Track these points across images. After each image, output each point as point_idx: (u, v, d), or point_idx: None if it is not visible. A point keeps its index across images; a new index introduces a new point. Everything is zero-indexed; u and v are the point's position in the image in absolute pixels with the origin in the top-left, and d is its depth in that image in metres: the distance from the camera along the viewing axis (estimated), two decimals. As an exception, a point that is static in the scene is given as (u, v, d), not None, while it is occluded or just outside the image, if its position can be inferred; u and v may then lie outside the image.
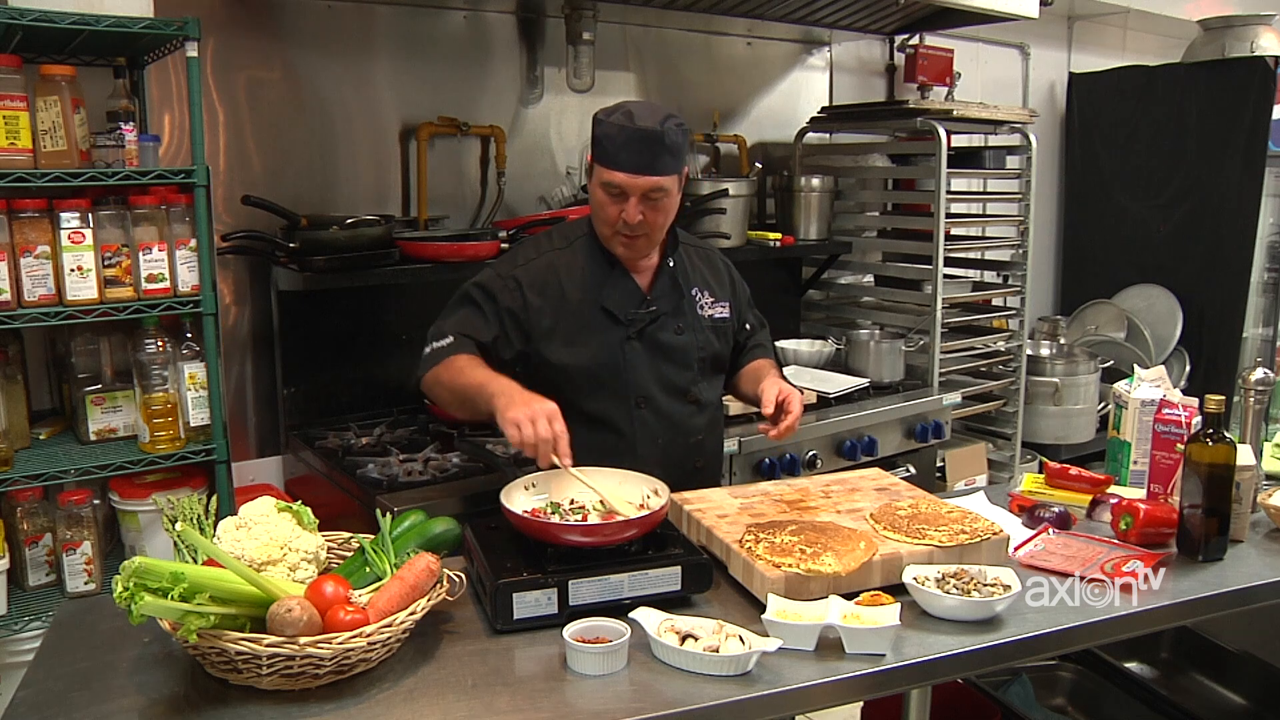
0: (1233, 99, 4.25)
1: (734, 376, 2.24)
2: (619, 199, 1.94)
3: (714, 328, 2.14)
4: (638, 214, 1.93)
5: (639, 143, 1.89)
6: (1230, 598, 1.72)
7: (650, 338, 2.06)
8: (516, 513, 1.61)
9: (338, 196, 2.97)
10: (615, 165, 1.91)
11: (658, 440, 2.06)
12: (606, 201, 1.95)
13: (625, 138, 1.89)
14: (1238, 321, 4.35)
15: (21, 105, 2.12)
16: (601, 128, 1.93)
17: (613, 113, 1.93)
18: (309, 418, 2.92)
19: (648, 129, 1.88)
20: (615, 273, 2.05)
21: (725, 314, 2.16)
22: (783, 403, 1.98)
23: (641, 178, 1.91)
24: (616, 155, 1.90)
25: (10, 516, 2.28)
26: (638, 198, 1.92)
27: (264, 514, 1.53)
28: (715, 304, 2.15)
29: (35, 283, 2.17)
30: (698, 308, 2.12)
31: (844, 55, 4.07)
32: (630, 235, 1.97)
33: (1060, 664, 2.52)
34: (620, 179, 1.91)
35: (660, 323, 2.06)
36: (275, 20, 2.83)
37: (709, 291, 2.15)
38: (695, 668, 1.40)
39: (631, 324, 2.04)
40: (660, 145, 1.90)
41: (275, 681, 1.34)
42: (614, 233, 1.99)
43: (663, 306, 2.07)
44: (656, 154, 1.90)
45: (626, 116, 1.90)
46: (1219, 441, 1.77)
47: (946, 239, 3.49)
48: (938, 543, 1.68)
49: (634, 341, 2.04)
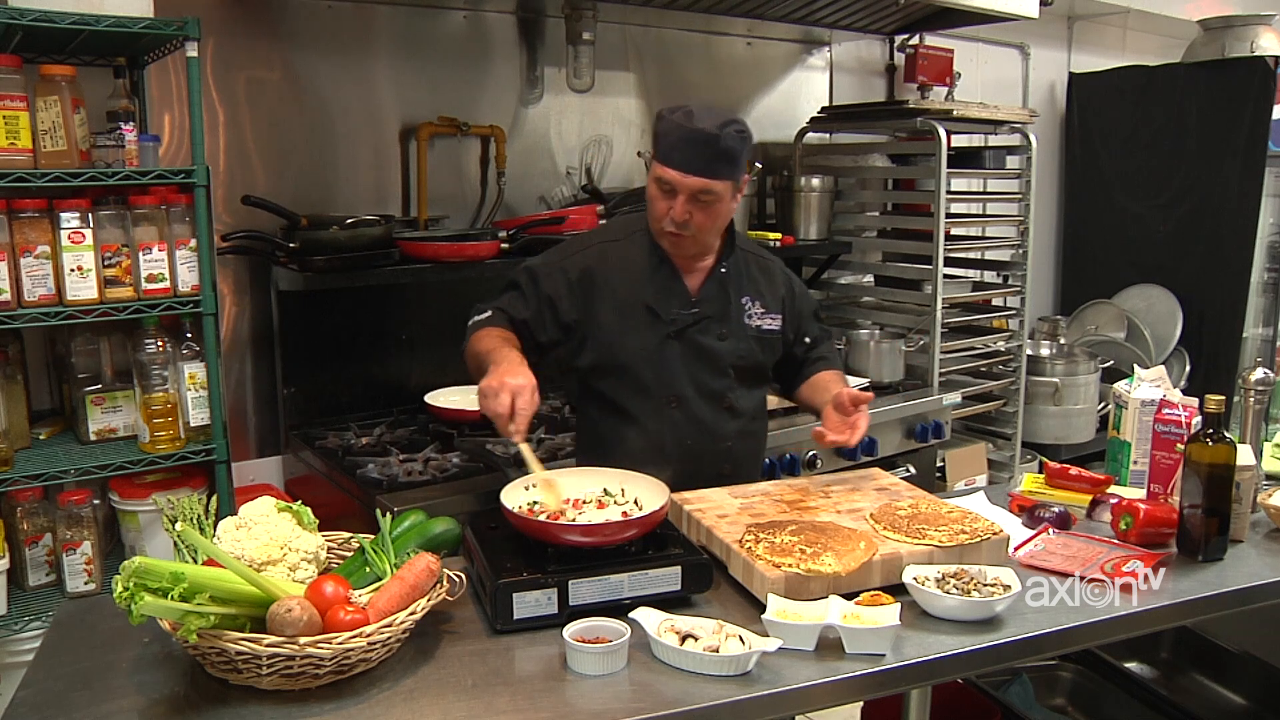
0: (1233, 99, 4.25)
1: (798, 388, 2.24)
2: (669, 195, 1.96)
3: (759, 338, 2.13)
4: (685, 213, 1.95)
5: (693, 143, 1.90)
6: (1230, 598, 1.72)
7: (690, 339, 2.07)
8: (516, 513, 1.62)
9: (338, 196, 2.97)
10: (668, 162, 1.93)
11: (686, 441, 2.07)
12: (657, 196, 1.98)
13: (680, 136, 1.91)
14: (1238, 321, 4.35)
15: (21, 105, 2.12)
16: (662, 124, 1.96)
17: (675, 110, 1.95)
18: (309, 418, 2.92)
19: (704, 131, 1.90)
20: (664, 271, 2.07)
21: (775, 327, 2.15)
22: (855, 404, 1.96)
23: (691, 178, 1.92)
24: (670, 153, 1.93)
25: (10, 516, 2.28)
26: (686, 196, 1.94)
27: (264, 514, 1.53)
28: (765, 315, 2.14)
29: (35, 283, 2.17)
30: (745, 316, 2.12)
31: (844, 55, 4.07)
32: (676, 233, 1.99)
33: (1060, 664, 2.52)
34: (671, 176, 1.93)
35: (702, 326, 2.07)
36: (275, 20, 2.83)
37: (760, 302, 2.14)
38: (695, 668, 1.40)
39: (673, 323, 2.05)
40: (715, 149, 1.91)
41: (275, 681, 1.34)
42: (659, 228, 2.01)
43: (707, 310, 2.08)
44: (710, 157, 1.91)
45: (686, 116, 1.92)
46: (1219, 441, 1.77)
47: (946, 239, 3.49)
48: (938, 543, 1.68)
49: (673, 341, 2.06)
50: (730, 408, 2.12)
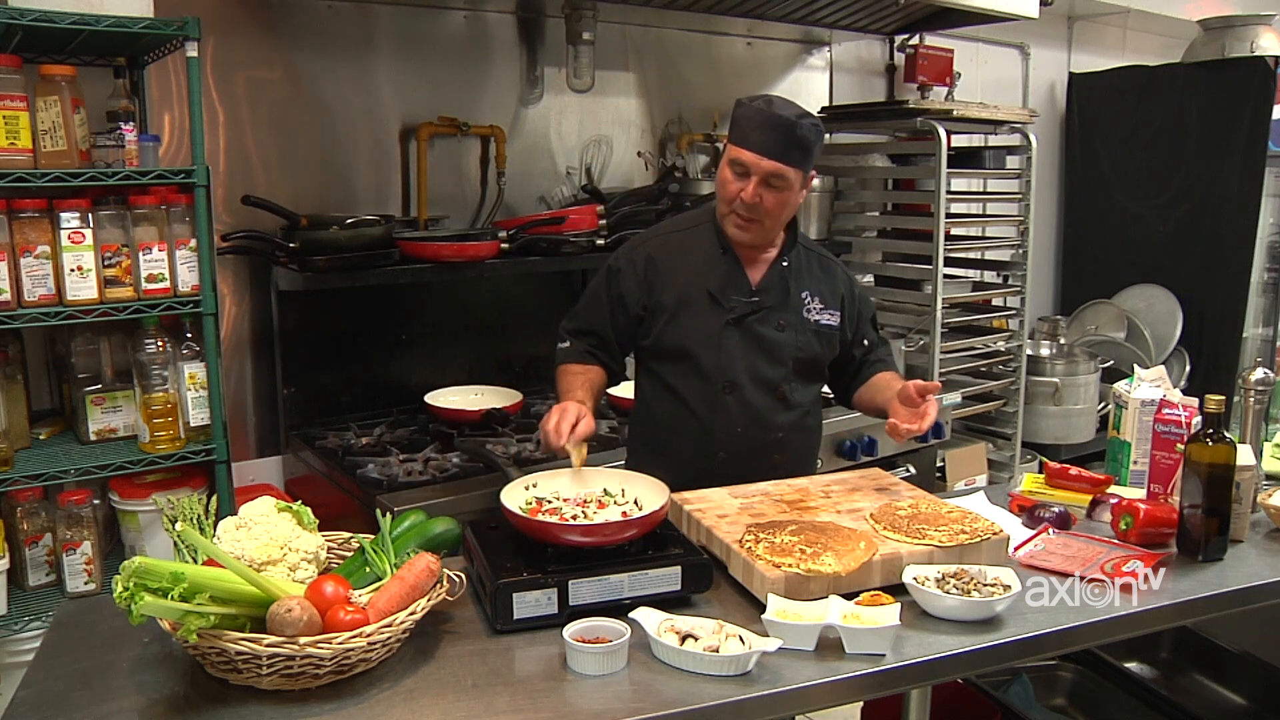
0: (1233, 99, 4.25)
1: (857, 390, 2.26)
2: (741, 177, 2.01)
3: (818, 332, 2.17)
4: (755, 195, 2.00)
5: (772, 128, 1.98)
6: (1230, 598, 1.72)
7: (749, 328, 2.11)
8: (516, 512, 1.62)
9: (338, 196, 2.97)
10: (744, 144, 1.99)
11: (737, 429, 2.11)
12: (730, 179, 2.03)
13: (761, 120, 1.98)
14: (1238, 321, 4.35)
15: (21, 105, 2.12)
16: (741, 109, 2.02)
17: (755, 99, 2.02)
18: (309, 418, 2.92)
19: (783, 116, 1.98)
20: (727, 259, 2.12)
21: (834, 323, 2.18)
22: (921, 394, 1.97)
23: (766, 160, 1.98)
24: (748, 135, 1.99)
25: (10, 516, 2.28)
26: (759, 179, 1.99)
27: (264, 514, 1.53)
28: (825, 311, 2.17)
29: (35, 283, 2.17)
30: (804, 310, 2.15)
31: (844, 55, 4.07)
32: (745, 217, 2.04)
33: (1060, 664, 2.52)
34: (746, 157, 1.99)
35: (762, 315, 2.11)
36: (275, 20, 2.83)
37: (820, 298, 2.18)
38: (695, 668, 1.40)
39: (732, 310, 2.10)
40: (791, 135, 1.98)
41: (275, 681, 1.34)
42: (730, 210, 2.06)
43: (767, 300, 2.12)
44: (786, 143, 1.98)
45: (767, 103, 2.00)
46: (1219, 441, 1.77)
47: (946, 239, 3.49)
48: (938, 543, 1.68)
49: (732, 328, 2.10)
50: (784, 398, 2.15)
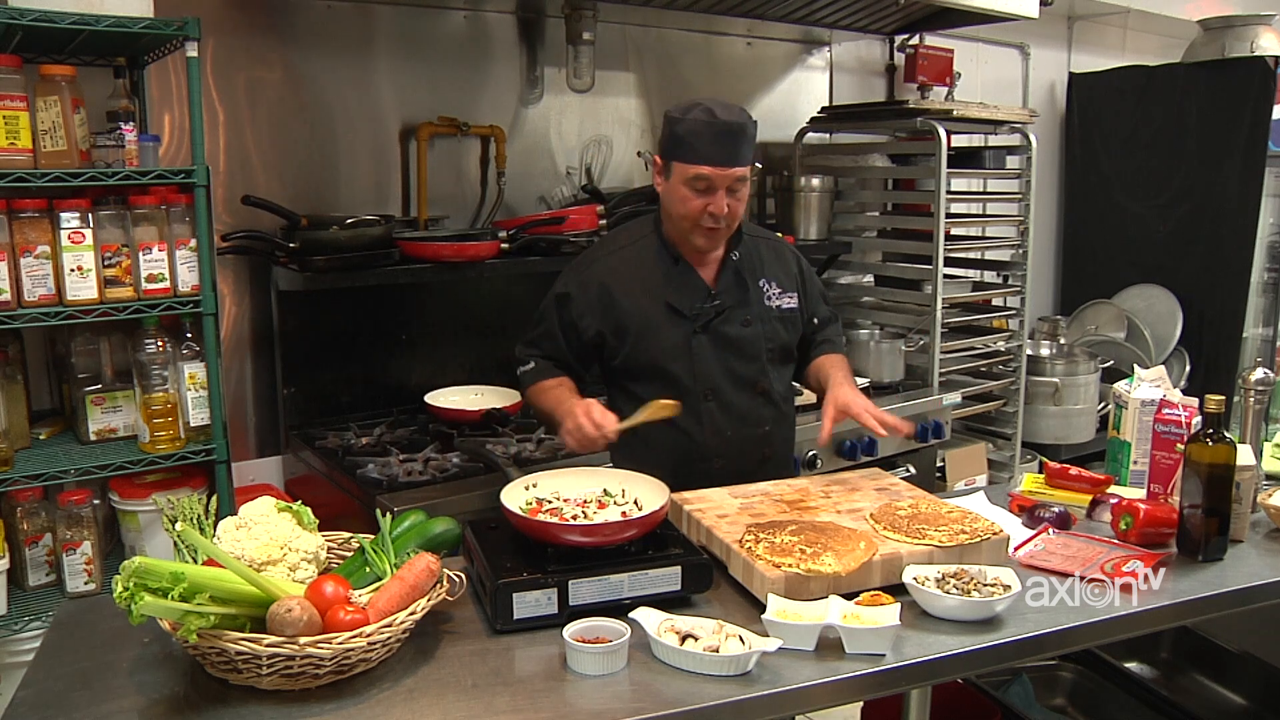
0: (1233, 99, 4.25)
1: (803, 370, 2.28)
2: (705, 193, 2.01)
3: (782, 318, 2.18)
4: (725, 205, 2.01)
5: (724, 136, 1.98)
6: (1230, 598, 1.72)
7: (716, 331, 2.11)
8: (516, 512, 1.62)
9: (338, 196, 2.97)
10: (703, 159, 1.98)
11: (725, 433, 2.11)
12: (690, 196, 2.02)
13: (712, 133, 1.98)
14: (1238, 321, 4.35)
15: (21, 105, 2.12)
16: (683, 125, 2.00)
17: (689, 110, 2.00)
18: (309, 418, 2.92)
19: (732, 122, 1.99)
20: (679, 268, 2.12)
21: (794, 304, 2.20)
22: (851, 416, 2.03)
23: (728, 169, 1.99)
24: (704, 149, 1.98)
25: (10, 516, 2.28)
26: (724, 189, 2.00)
27: (264, 514, 1.53)
28: (783, 294, 2.19)
29: (35, 283, 2.17)
30: (765, 298, 2.16)
31: (844, 55, 4.07)
32: (714, 226, 2.04)
33: (1060, 664, 2.52)
34: (709, 171, 1.99)
35: (726, 315, 2.12)
36: (275, 20, 2.82)
37: (776, 282, 2.19)
38: (695, 668, 1.40)
39: (697, 318, 2.10)
40: (742, 137, 2.01)
41: (275, 681, 1.34)
42: (695, 226, 2.05)
43: (728, 300, 2.12)
44: (738, 146, 2.00)
45: (708, 113, 1.98)
46: (1219, 441, 1.77)
47: (946, 239, 3.49)
48: (938, 543, 1.68)
49: (700, 335, 2.10)
50: (765, 392, 2.16)
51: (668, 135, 2.04)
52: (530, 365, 2.19)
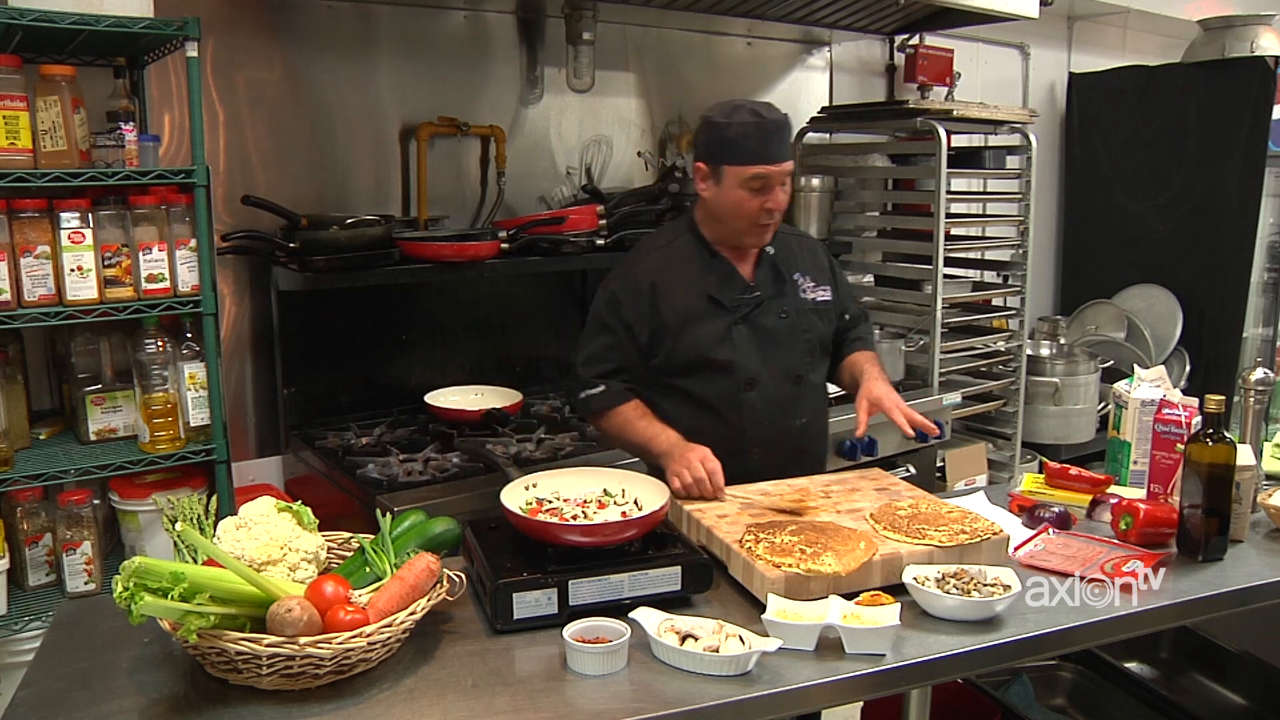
0: (1233, 99, 4.24)
1: (835, 367, 2.32)
2: (761, 191, 2.05)
3: (817, 310, 2.22)
4: (783, 198, 2.07)
5: (774, 134, 2.04)
6: (1230, 598, 1.72)
7: (755, 322, 2.15)
8: (516, 513, 1.62)
9: (338, 196, 2.97)
10: (760, 159, 2.02)
11: (764, 423, 2.14)
12: (747, 197, 2.05)
13: (762, 132, 2.02)
14: (1238, 321, 4.35)
15: (21, 105, 2.12)
16: (732, 129, 2.03)
17: (732, 113, 2.04)
18: (309, 418, 2.92)
19: (778, 119, 2.04)
20: (717, 262, 2.16)
21: (827, 297, 2.25)
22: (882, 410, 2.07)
23: (782, 165, 2.05)
24: (757, 149, 2.02)
25: (10, 516, 2.28)
26: (780, 184, 2.06)
27: (264, 514, 1.53)
28: (817, 288, 2.23)
29: (35, 283, 2.17)
30: (800, 291, 2.20)
31: (844, 55, 4.07)
32: (769, 222, 2.10)
33: (1060, 664, 2.52)
34: (768, 170, 2.03)
35: (764, 308, 2.15)
36: (275, 20, 2.82)
37: (810, 276, 2.23)
38: (695, 668, 1.40)
39: (737, 309, 2.13)
40: (787, 132, 2.07)
41: (275, 681, 1.34)
42: (753, 225, 2.09)
43: (766, 292, 2.16)
44: (785, 141, 2.07)
45: (753, 113, 2.03)
46: (1219, 441, 1.77)
47: (946, 239, 3.49)
48: (938, 543, 1.68)
49: (740, 326, 2.13)
50: (803, 384, 2.19)
51: (715, 141, 2.06)
52: (599, 389, 2.14)
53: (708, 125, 2.07)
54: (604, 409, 2.14)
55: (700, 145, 2.10)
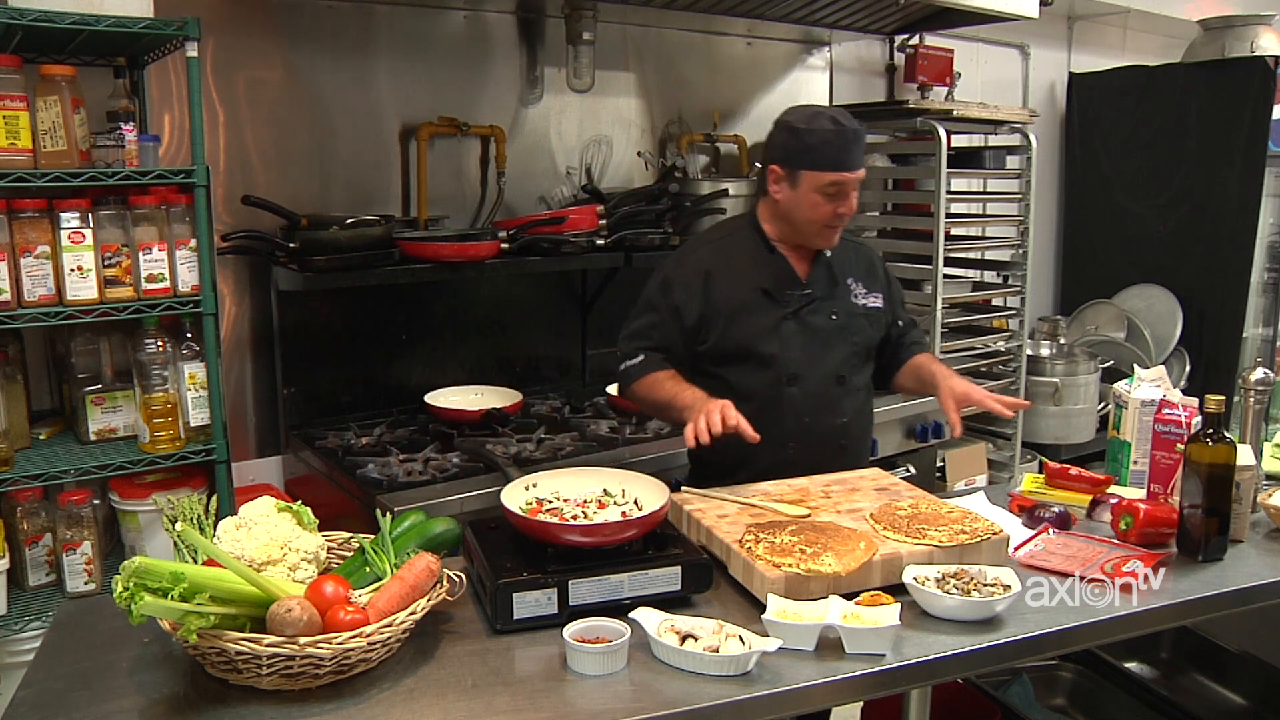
0: (1233, 99, 4.25)
1: (896, 372, 2.35)
2: (835, 197, 2.10)
3: (867, 315, 2.26)
4: (854, 203, 2.13)
5: (853, 142, 2.09)
6: (1230, 598, 1.72)
7: (805, 320, 2.18)
8: (516, 513, 1.62)
9: (338, 196, 2.97)
10: (838, 166, 2.08)
11: (804, 418, 2.16)
12: (821, 202, 2.10)
13: (842, 140, 2.08)
14: (1238, 321, 4.35)
15: (21, 105, 2.12)
16: (813, 135, 2.07)
17: (812, 119, 2.09)
18: (309, 418, 2.92)
19: (855, 128, 2.10)
20: (774, 258, 2.20)
21: (879, 304, 2.28)
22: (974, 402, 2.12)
23: (857, 173, 2.10)
24: (836, 157, 2.08)
25: (10, 516, 2.28)
26: (852, 191, 2.11)
27: (264, 514, 1.53)
28: (869, 294, 2.28)
29: (35, 283, 2.17)
30: (852, 295, 2.24)
31: (844, 55, 4.07)
32: (838, 225, 2.16)
33: (1060, 664, 2.52)
34: (844, 177, 2.08)
35: (815, 306, 2.19)
36: (275, 20, 2.82)
37: (862, 283, 2.27)
38: (695, 668, 1.40)
39: (787, 304, 2.16)
40: (862, 141, 2.13)
41: (275, 681, 1.34)
42: (823, 227, 2.14)
43: (818, 291, 2.20)
44: (860, 149, 2.13)
45: (833, 121, 2.07)
46: (1219, 441, 1.77)
47: (946, 239, 3.49)
48: (938, 543, 1.68)
49: (789, 321, 2.17)
50: (845, 384, 2.21)
51: (795, 145, 2.10)
52: (639, 359, 2.20)
53: (787, 130, 2.12)
54: (640, 377, 2.19)
55: (777, 148, 2.15)
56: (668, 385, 2.13)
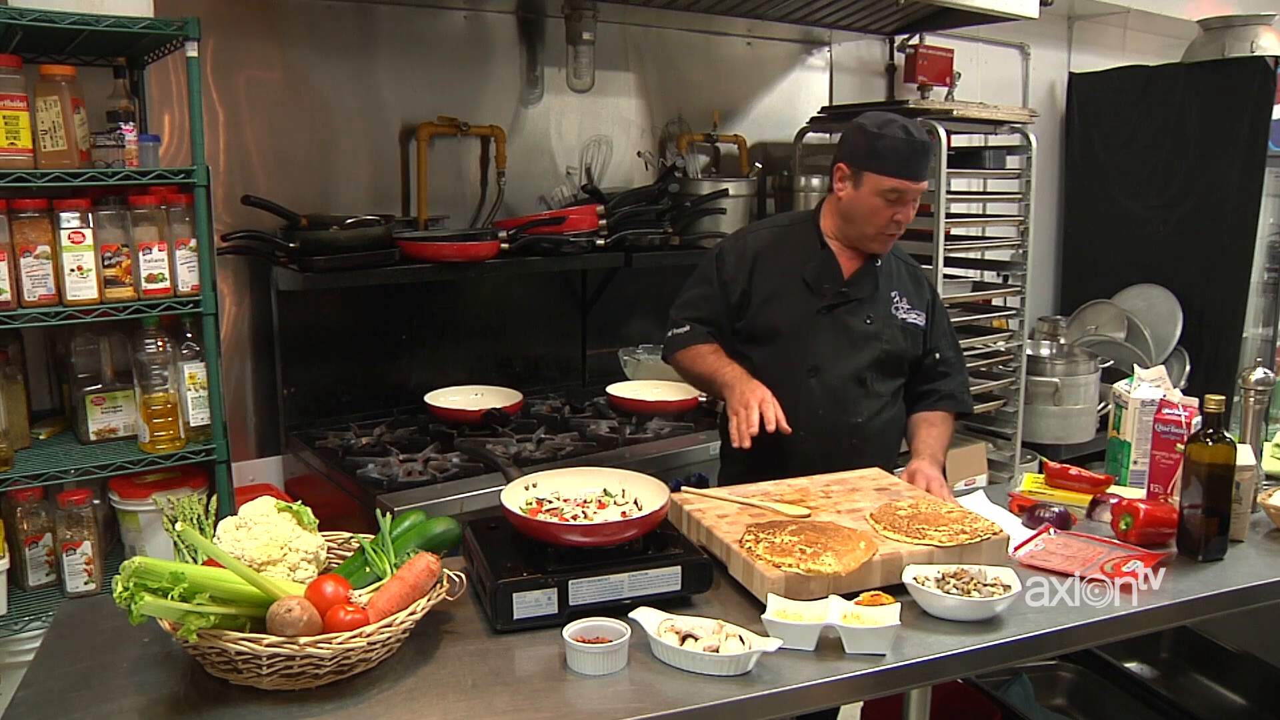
0: (1233, 99, 4.24)
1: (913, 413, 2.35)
2: (895, 204, 2.14)
3: (904, 328, 2.28)
4: (912, 213, 2.17)
5: (920, 154, 2.13)
6: (1230, 598, 1.72)
7: (838, 317, 2.23)
8: (516, 513, 1.62)
9: (338, 196, 2.97)
10: (901, 174, 2.12)
11: (818, 411, 2.20)
12: (881, 206, 2.15)
13: (910, 150, 2.12)
14: (1238, 321, 4.35)
15: (21, 105, 2.12)
16: (883, 141, 2.11)
17: (884, 125, 2.12)
18: (309, 418, 2.92)
19: (925, 142, 2.14)
20: (824, 253, 2.26)
21: (920, 322, 2.31)
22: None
23: (919, 184, 2.15)
24: (903, 165, 2.11)
25: (10, 516, 2.28)
26: (911, 201, 2.15)
27: (264, 514, 1.53)
28: (911, 310, 2.30)
29: (35, 283, 2.17)
30: (892, 306, 2.26)
31: (844, 55, 4.07)
32: (895, 232, 2.20)
33: (1060, 664, 2.53)
34: (906, 185, 2.13)
35: (851, 306, 2.23)
36: (275, 20, 2.83)
37: (907, 298, 2.31)
38: (695, 668, 1.40)
39: (824, 298, 2.21)
40: (929, 155, 2.19)
41: (275, 681, 1.34)
42: (879, 233, 2.18)
43: (857, 292, 2.23)
44: (926, 162, 2.17)
45: (905, 130, 2.11)
46: (1219, 441, 1.77)
47: (946, 239, 3.49)
48: (938, 543, 1.68)
49: (822, 316, 2.22)
50: (866, 387, 2.23)
51: (864, 148, 2.13)
52: (685, 329, 2.27)
53: (859, 131, 2.15)
54: (684, 346, 2.26)
55: (847, 147, 2.18)
56: (709, 359, 2.21)
